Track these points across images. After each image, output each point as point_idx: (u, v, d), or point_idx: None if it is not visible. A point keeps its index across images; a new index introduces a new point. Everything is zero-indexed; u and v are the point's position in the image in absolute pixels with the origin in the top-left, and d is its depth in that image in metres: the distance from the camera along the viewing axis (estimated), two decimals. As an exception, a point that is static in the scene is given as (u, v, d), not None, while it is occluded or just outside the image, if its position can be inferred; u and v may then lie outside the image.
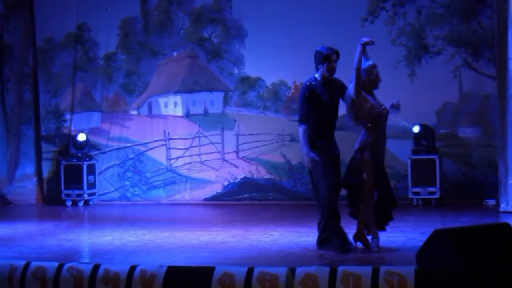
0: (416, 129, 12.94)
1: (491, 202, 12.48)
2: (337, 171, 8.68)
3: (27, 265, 6.91)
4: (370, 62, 8.75)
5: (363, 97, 8.46)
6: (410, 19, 13.37)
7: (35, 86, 15.22)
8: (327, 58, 8.68)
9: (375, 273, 6.10)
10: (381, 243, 8.50)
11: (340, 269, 6.20)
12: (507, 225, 7.24)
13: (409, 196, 12.82)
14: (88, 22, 14.94)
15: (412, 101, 13.21)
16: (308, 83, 8.60)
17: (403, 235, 9.38)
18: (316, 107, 8.60)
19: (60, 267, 6.80)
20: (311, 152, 8.41)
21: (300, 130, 8.63)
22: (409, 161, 12.90)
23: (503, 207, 11.62)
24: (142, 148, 14.59)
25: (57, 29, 15.03)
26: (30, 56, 15.27)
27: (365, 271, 6.16)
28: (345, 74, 13.37)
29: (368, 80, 8.62)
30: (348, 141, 13.39)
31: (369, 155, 8.38)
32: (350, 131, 13.41)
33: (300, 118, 8.60)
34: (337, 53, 8.81)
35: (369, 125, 8.49)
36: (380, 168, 8.61)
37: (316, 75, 8.72)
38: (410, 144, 13.02)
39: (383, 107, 8.64)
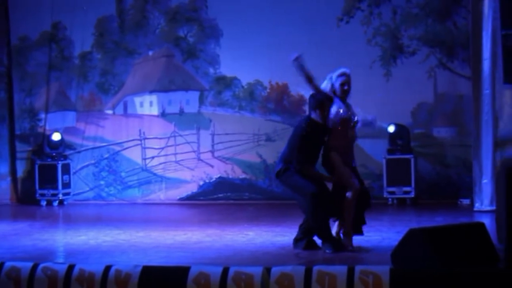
0: (391, 128, 12.98)
1: (466, 201, 12.54)
2: None
3: (1, 266, 6.87)
4: (338, 71, 8.68)
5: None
6: (385, 19, 13.41)
7: (9, 85, 15.14)
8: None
9: (351, 273, 6.11)
10: (356, 242, 8.51)
11: (316, 268, 6.21)
12: (482, 224, 7.29)
13: (384, 196, 12.86)
14: (63, 20, 14.87)
15: (387, 101, 13.29)
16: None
17: (378, 235, 9.40)
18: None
19: (34, 267, 6.76)
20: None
21: None
22: (384, 161, 12.94)
23: (477, 206, 11.67)
24: (117, 148, 14.55)
25: (32, 28, 14.96)
26: (4, 55, 15.19)
27: (341, 270, 6.17)
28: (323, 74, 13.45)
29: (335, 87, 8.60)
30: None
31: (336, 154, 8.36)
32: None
33: None
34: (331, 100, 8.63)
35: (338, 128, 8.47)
36: (353, 169, 8.61)
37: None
38: (385, 144, 13.06)
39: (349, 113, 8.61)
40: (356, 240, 8.67)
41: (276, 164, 8.70)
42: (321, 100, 8.56)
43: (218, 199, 13.95)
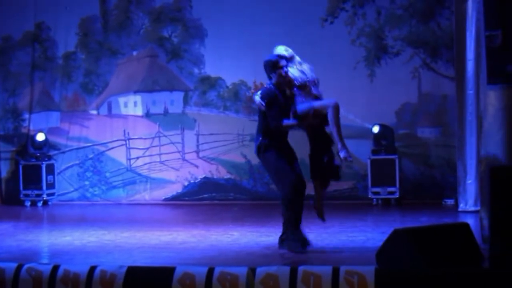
0: (375, 129, 13.01)
1: (450, 202, 12.58)
2: None
3: (-15, 266, 6.86)
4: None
5: None
6: (369, 19, 13.44)
7: (-8, 85, 15.11)
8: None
9: (336, 273, 6.13)
10: (341, 243, 8.55)
11: (301, 268, 6.22)
12: (466, 225, 7.32)
13: (369, 196, 12.89)
14: (46, 20, 14.83)
15: (371, 101, 13.32)
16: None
17: (363, 235, 9.43)
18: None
19: (19, 268, 6.75)
20: None
21: None
22: (368, 161, 12.96)
23: (461, 207, 11.71)
24: (101, 148, 14.52)
25: (15, 27, 14.91)
26: (-13, 55, 15.14)
27: (326, 270, 6.18)
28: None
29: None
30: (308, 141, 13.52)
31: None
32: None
33: None
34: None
35: None
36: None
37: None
38: (369, 144, 13.09)
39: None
40: (341, 240, 8.70)
41: (255, 139, 8.69)
42: (273, 61, 8.62)
43: (203, 200, 13.94)
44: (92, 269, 6.59)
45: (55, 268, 6.68)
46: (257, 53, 13.55)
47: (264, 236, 9.53)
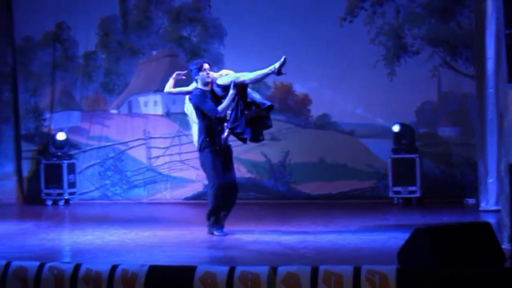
0: (396, 128, 12.98)
1: (471, 201, 12.54)
2: None
3: (7, 265, 6.89)
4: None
5: None
6: (388, 18, 13.41)
7: (14, 85, 15.17)
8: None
9: (357, 272, 6.13)
10: (362, 242, 8.57)
11: (322, 268, 6.22)
12: (488, 224, 7.29)
13: (390, 195, 12.86)
14: (67, 20, 14.88)
15: (391, 100, 13.30)
16: None
17: (384, 234, 9.40)
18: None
19: (41, 266, 6.79)
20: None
21: None
22: (389, 160, 12.93)
23: (483, 206, 11.66)
24: (122, 147, 14.57)
25: (36, 28, 14.97)
26: (9, 55, 15.21)
27: (347, 270, 6.18)
28: (327, 74, 13.48)
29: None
30: (328, 140, 13.53)
31: None
32: (329, 130, 13.53)
33: None
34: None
35: None
36: None
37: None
38: (390, 143, 13.06)
39: None
40: (362, 239, 8.71)
41: (198, 138, 9.66)
42: (199, 63, 9.80)
43: (224, 199, 13.95)
44: (114, 268, 6.62)
45: (77, 266, 6.71)
46: (277, 52, 13.54)
47: (285, 235, 9.52)
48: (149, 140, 14.44)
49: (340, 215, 11.59)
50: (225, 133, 9.60)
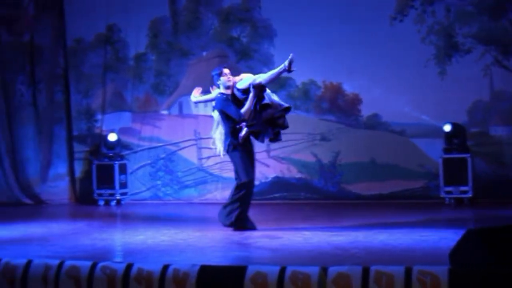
0: (447, 128, 12.88)
1: (525, 201, 12.41)
2: None
3: (61, 264, 6.98)
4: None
5: None
6: (439, 17, 13.31)
7: (66, 87, 15.34)
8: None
9: (408, 273, 6.10)
10: (413, 243, 8.52)
11: (373, 268, 6.20)
12: (542, 224, 7.20)
13: (441, 195, 12.76)
14: (117, 22, 15.01)
15: (442, 99, 13.19)
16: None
17: (436, 234, 9.32)
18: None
19: (93, 266, 6.87)
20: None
21: None
22: (440, 160, 12.83)
23: (537, 206, 11.55)
24: (173, 148, 14.65)
25: (87, 30, 15.12)
26: (61, 57, 15.39)
27: (398, 270, 6.15)
28: (377, 73, 13.42)
29: None
30: (379, 140, 13.46)
31: None
32: (380, 130, 13.47)
33: None
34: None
35: None
36: None
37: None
38: (441, 143, 12.96)
39: None
40: (414, 239, 8.65)
41: (225, 140, 10.13)
42: (220, 68, 10.27)
43: (274, 199, 13.97)
44: (165, 267, 6.67)
45: (129, 266, 6.77)
46: (326, 52, 13.61)
47: (336, 235, 9.49)
48: (199, 141, 14.50)
49: (391, 215, 11.53)
50: (243, 131, 9.93)
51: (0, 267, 7.13)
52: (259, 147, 14.05)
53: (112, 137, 14.51)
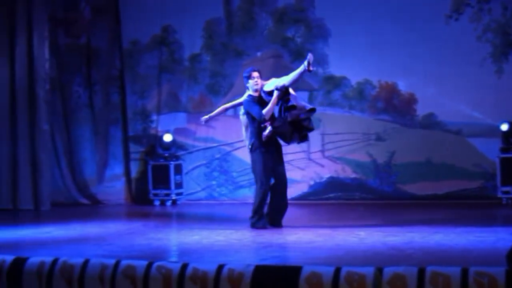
0: (504, 127, 12.72)
1: None
2: None
3: (117, 264, 7.03)
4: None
5: None
6: (495, 15, 13.15)
7: (122, 88, 15.49)
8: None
9: (465, 274, 6.02)
10: (469, 243, 8.44)
11: (429, 269, 6.14)
12: None
13: (498, 196, 12.61)
14: (172, 24, 15.12)
15: (499, 98, 13.04)
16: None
17: (493, 235, 9.20)
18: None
19: (149, 265, 6.90)
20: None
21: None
22: (497, 160, 12.68)
23: None
24: (228, 148, 14.70)
25: (143, 31, 15.26)
26: (117, 59, 15.54)
27: (455, 271, 6.08)
28: (433, 72, 13.29)
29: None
30: (434, 140, 13.34)
31: None
32: (435, 130, 13.34)
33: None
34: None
35: None
36: None
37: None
38: (498, 143, 12.80)
39: None
40: (470, 240, 8.56)
41: (249, 140, 10.52)
42: (249, 71, 10.63)
43: (329, 199, 13.94)
44: (220, 267, 6.68)
45: (184, 266, 6.79)
46: (381, 51, 13.53)
47: (391, 236, 9.43)
48: (254, 141, 14.50)
49: (447, 215, 11.43)
50: (266, 130, 10.24)
51: (58, 266, 7.21)
52: (315, 147, 14.06)
53: (167, 137, 14.61)
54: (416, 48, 13.43)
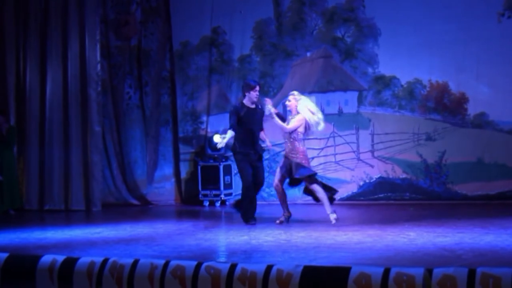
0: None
1: None
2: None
3: (166, 264, 7.08)
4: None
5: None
6: (549, 13, 12.99)
7: (172, 89, 15.58)
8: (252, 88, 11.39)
9: (516, 275, 5.96)
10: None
11: (480, 270, 6.07)
12: None
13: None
14: (222, 25, 15.16)
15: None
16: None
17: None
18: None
19: (198, 266, 6.94)
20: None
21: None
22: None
23: None
24: (277, 149, 14.67)
25: (193, 33, 15.31)
26: (167, 60, 15.63)
27: (506, 273, 6.00)
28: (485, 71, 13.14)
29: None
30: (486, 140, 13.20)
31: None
32: (487, 129, 13.20)
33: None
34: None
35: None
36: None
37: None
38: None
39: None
40: (509, 241, 8.50)
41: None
42: (254, 85, 11.44)
43: (379, 199, 13.86)
44: (269, 268, 6.68)
45: (233, 266, 6.81)
46: (432, 51, 13.42)
47: (441, 236, 9.36)
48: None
49: (499, 216, 11.30)
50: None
51: (108, 266, 7.28)
52: (364, 147, 13.99)
53: (217, 138, 14.63)
54: (468, 47, 13.29)
